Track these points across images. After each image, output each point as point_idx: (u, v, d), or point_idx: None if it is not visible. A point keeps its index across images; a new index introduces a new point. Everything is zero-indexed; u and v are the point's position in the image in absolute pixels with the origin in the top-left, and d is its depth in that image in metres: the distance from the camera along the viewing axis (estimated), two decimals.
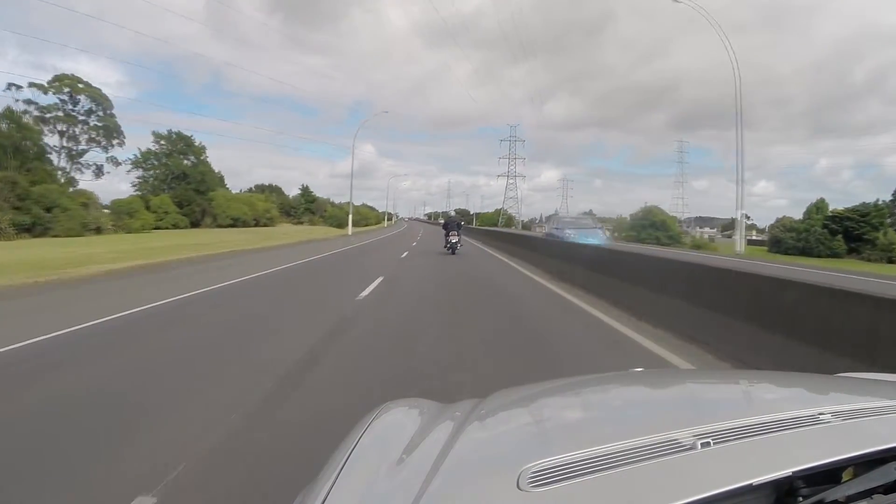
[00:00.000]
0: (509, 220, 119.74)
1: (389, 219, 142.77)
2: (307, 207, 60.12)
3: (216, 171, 54.38)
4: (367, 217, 75.57)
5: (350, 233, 37.09)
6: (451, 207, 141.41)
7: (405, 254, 16.97)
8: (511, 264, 13.69)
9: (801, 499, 0.62)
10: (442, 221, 19.82)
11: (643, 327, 5.62)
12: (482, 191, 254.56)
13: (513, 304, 7.38)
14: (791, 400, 1.03)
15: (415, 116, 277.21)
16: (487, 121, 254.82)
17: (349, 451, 0.83)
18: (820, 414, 0.78)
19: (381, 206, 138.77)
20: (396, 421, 1.02)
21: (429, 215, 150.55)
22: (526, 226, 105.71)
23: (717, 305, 4.67)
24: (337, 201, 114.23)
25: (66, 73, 38.71)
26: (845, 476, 0.67)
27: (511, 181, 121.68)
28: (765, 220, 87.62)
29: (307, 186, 61.29)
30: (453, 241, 16.43)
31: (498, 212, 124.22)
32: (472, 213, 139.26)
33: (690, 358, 4.40)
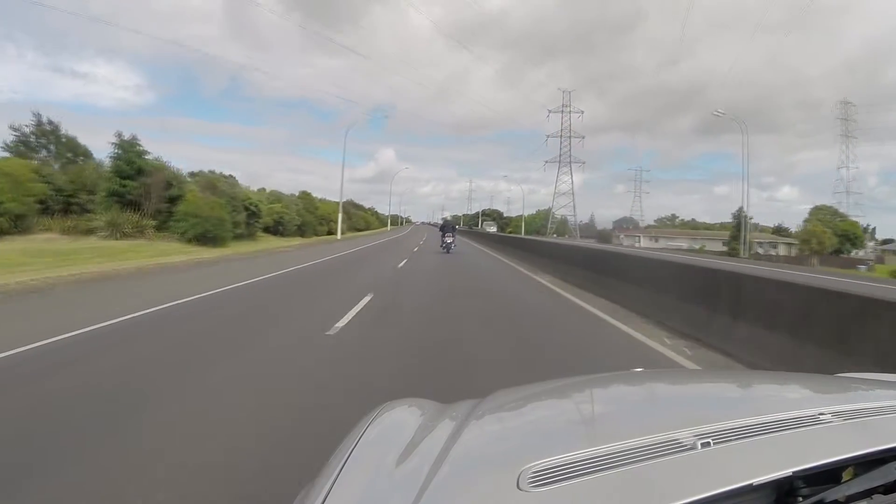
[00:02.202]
0: (562, 227, 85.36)
1: (398, 223, 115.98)
2: (120, 189, 20.16)
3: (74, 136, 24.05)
4: (327, 217, 43.89)
5: None
6: (471, 211, 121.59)
7: None
8: None
9: (801, 499, 0.61)
10: (439, 224, 27.13)
11: None
12: (503, 196, 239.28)
13: None
14: (791, 400, 1.04)
15: (435, 120, 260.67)
16: (509, 125, 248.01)
17: (349, 450, 0.82)
18: (820, 414, 0.78)
19: (403, 212, 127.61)
20: (396, 421, 1.01)
21: (445, 219, 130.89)
22: (603, 236, 71.39)
23: None
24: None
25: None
26: (845, 476, 0.66)
27: (564, 169, 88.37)
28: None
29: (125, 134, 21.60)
30: (448, 241, 19.87)
31: (543, 214, 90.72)
32: (505, 215, 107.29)
33: None
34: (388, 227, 73.90)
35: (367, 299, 7.47)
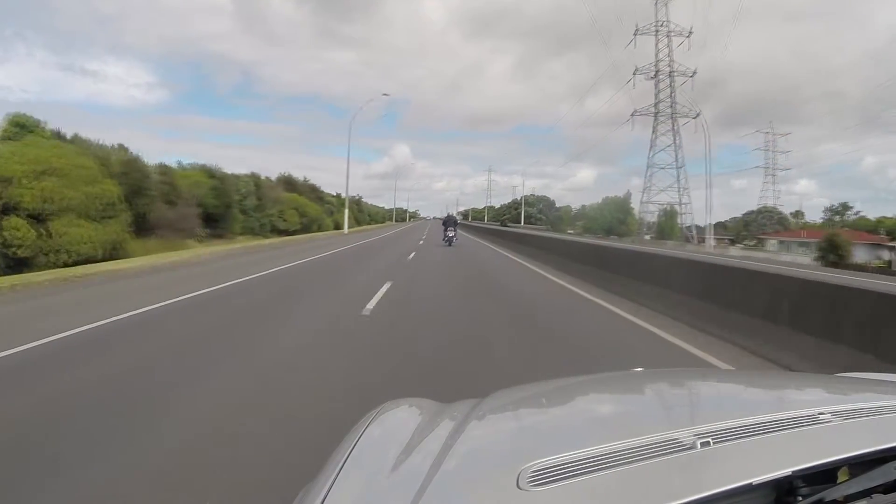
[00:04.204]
0: (668, 225, 51.01)
1: (402, 218, 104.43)
2: None
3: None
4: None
5: None
6: (490, 205, 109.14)
7: None
8: None
9: (800, 498, 0.61)
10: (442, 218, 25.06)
11: None
12: (517, 192, 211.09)
13: None
14: (791, 400, 1.03)
15: (449, 116, 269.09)
16: (523, 119, 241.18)
17: (349, 450, 0.82)
18: (820, 414, 0.77)
19: (410, 205, 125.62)
20: (396, 420, 1.01)
21: (465, 214, 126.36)
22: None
23: None
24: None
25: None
26: (841, 476, 0.66)
27: (661, 118, 54.19)
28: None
29: None
30: (450, 234, 20.88)
31: (615, 204, 56.44)
32: (557, 205, 72.58)
33: None
34: (346, 230, 33.16)
35: None
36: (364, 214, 64.52)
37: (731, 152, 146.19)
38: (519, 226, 59.12)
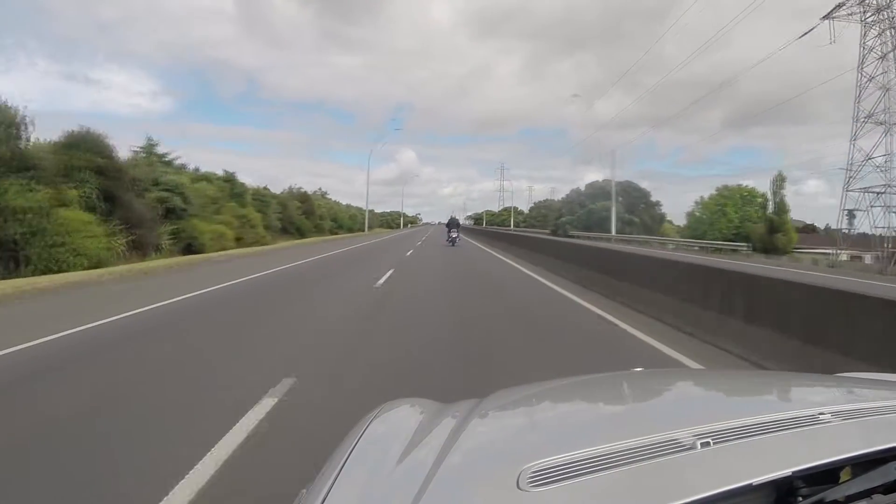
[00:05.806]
0: None
1: (401, 225, 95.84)
2: None
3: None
4: None
5: None
6: (500, 208, 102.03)
7: None
8: None
9: (800, 499, 0.61)
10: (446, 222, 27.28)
11: None
12: (523, 195, 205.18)
13: None
14: (791, 400, 1.03)
15: (454, 119, 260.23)
16: (530, 122, 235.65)
17: (349, 450, 0.81)
18: (820, 414, 0.77)
19: (420, 212, 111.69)
20: (396, 421, 1.01)
21: (475, 219, 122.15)
22: None
23: None
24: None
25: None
26: (843, 476, 0.66)
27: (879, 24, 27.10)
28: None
29: None
30: (453, 236, 23.20)
31: (751, 198, 30.56)
32: (660, 210, 45.61)
33: None
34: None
35: None
36: (314, 218, 38.75)
37: (731, 154, 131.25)
38: (632, 236, 32.87)
